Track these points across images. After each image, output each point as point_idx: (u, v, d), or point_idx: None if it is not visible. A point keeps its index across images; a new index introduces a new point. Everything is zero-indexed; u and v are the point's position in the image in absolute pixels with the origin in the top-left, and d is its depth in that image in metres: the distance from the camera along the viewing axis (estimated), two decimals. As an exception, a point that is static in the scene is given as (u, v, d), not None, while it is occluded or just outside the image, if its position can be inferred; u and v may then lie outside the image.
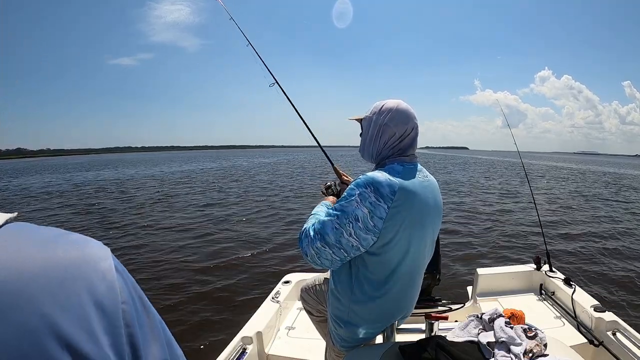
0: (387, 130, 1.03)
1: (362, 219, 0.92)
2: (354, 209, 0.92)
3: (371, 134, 1.07)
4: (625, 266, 4.16)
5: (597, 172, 17.93)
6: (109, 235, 6.86)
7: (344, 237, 0.93)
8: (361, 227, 0.92)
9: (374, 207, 0.91)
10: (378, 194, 0.92)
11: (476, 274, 2.37)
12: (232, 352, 1.69)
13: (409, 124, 1.04)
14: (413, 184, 0.97)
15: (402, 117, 1.03)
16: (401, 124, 1.03)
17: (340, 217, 0.93)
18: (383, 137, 1.04)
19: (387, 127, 1.03)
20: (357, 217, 0.92)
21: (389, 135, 1.03)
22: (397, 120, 1.03)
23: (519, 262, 3.15)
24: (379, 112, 1.05)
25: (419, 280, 1.12)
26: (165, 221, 8.36)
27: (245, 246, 6.50)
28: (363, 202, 0.92)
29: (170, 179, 19.12)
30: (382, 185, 0.92)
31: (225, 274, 5.07)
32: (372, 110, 1.08)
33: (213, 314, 3.82)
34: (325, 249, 0.95)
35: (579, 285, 2.06)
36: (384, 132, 1.04)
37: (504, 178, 16.30)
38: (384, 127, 1.04)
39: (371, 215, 0.91)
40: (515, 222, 6.69)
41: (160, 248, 6.99)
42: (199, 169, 28.77)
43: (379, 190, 0.92)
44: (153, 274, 5.36)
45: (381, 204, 0.91)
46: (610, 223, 6.23)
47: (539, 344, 0.94)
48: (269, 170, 24.14)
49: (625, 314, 2.92)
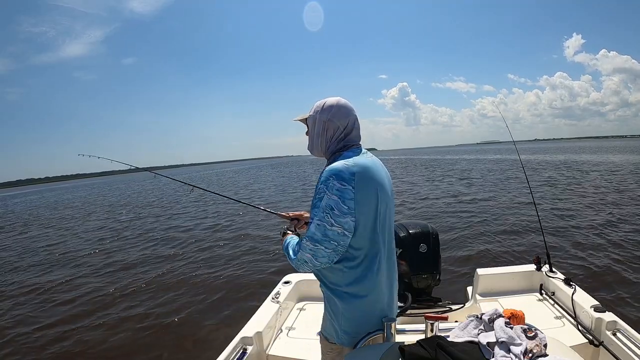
0: (331, 126, 1.14)
1: (335, 207, 1.02)
2: (326, 201, 1.02)
3: (317, 131, 1.17)
4: (625, 266, 4.16)
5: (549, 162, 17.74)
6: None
7: (327, 229, 1.02)
8: (337, 214, 1.02)
9: (341, 192, 1.02)
10: (341, 180, 1.02)
11: (476, 274, 2.37)
12: (232, 352, 1.69)
13: (350, 117, 1.16)
14: (365, 162, 1.09)
15: (343, 112, 1.15)
16: (343, 117, 1.14)
17: (318, 213, 1.04)
18: (329, 132, 1.15)
19: (331, 122, 1.14)
20: (331, 207, 1.02)
21: (333, 130, 1.14)
22: (339, 115, 1.14)
23: (519, 262, 3.15)
24: (322, 110, 1.16)
25: (393, 243, 1.22)
26: (162, 232, 8.38)
27: (245, 246, 6.51)
28: (331, 192, 1.02)
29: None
30: (342, 171, 1.03)
31: (226, 274, 5.08)
32: (315, 109, 1.18)
33: (213, 314, 3.82)
34: (317, 247, 1.04)
35: (579, 285, 2.06)
36: (329, 128, 1.15)
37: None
38: (328, 123, 1.14)
39: (342, 200, 1.02)
40: (515, 222, 6.69)
41: (159, 254, 7.02)
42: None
43: (340, 176, 1.03)
44: (153, 274, 5.38)
45: (346, 187, 1.02)
46: (610, 222, 6.23)
47: (539, 344, 0.94)
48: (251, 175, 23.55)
49: (626, 314, 2.92)
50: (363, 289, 1.11)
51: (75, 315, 4.10)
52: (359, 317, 1.13)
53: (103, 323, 3.82)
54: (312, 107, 1.19)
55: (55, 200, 28.95)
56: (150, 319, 3.81)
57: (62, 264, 6.63)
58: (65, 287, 5.18)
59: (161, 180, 29.21)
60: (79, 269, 6.09)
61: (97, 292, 4.81)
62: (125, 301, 4.39)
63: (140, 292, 4.66)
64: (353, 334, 1.14)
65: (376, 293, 1.12)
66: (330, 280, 1.14)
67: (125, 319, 3.89)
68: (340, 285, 1.12)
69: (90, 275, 5.64)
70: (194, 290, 4.52)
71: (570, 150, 46.04)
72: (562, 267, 3.11)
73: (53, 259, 7.05)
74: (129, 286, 4.90)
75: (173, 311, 3.96)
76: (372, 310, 1.14)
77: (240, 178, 31.99)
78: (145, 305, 4.21)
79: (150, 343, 3.34)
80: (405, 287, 2.19)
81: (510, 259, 4.74)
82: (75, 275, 5.70)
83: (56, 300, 4.64)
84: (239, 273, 5.04)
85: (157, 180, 30.74)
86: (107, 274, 5.65)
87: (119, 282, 5.11)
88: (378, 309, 1.15)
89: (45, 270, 6.30)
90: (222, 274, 5.04)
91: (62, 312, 4.24)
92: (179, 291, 4.55)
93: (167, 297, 4.38)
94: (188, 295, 4.39)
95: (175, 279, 5.03)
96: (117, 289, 4.82)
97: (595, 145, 66.27)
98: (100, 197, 26.43)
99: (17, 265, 6.87)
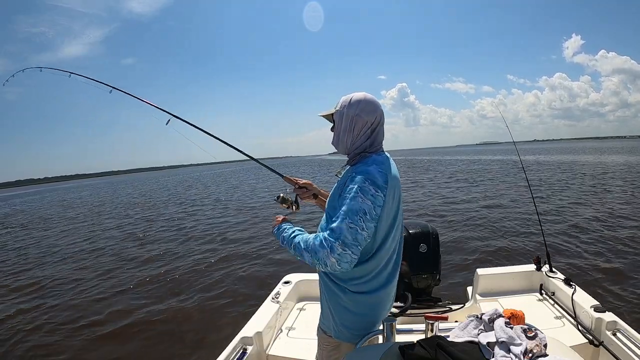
0: (359, 121, 1.12)
1: (368, 212, 1.00)
2: (360, 205, 1.00)
3: (344, 126, 1.14)
4: (625, 266, 4.16)
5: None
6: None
7: (359, 233, 0.99)
8: (368, 219, 1.01)
9: (374, 198, 1.01)
10: (375, 186, 1.02)
11: (476, 274, 2.37)
12: (232, 352, 1.69)
13: (377, 112, 1.14)
14: (394, 170, 1.12)
15: (371, 107, 1.13)
16: (371, 112, 1.13)
17: (351, 216, 1.00)
18: (356, 128, 1.13)
19: (359, 117, 1.12)
20: (364, 211, 1.00)
21: (361, 125, 1.13)
22: (367, 110, 1.12)
23: (519, 263, 3.15)
24: (349, 104, 1.13)
25: (401, 246, 1.23)
26: (166, 234, 8.37)
27: (245, 247, 6.51)
28: (366, 196, 1.00)
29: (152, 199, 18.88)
30: (377, 177, 1.03)
31: (225, 274, 5.07)
32: (342, 104, 1.16)
33: (213, 314, 3.82)
34: (345, 252, 0.98)
35: (579, 285, 2.06)
36: (357, 123, 1.13)
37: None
38: (356, 118, 1.12)
39: (374, 205, 1.01)
40: (515, 222, 6.69)
41: (161, 254, 7.01)
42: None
43: (375, 182, 1.02)
44: (153, 273, 5.37)
45: (379, 194, 1.02)
46: (611, 223, 6.23)
47: (539, 344, 0.93)
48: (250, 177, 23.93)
49: (626, 314, 2.92)
50: (368, 286, 1.12)
51: (72, 312, 4.10)
52: (361, 313, 1.13)
53: (102, 323, 3.82)
54: (339, 102, 1.17)
55: (61, 199, 28.92)
56: (149, 319, 3.81)
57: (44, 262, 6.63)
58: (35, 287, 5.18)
59: (168, 179, 28.55)
60: (53, 270, 6.10)
61: (96, 292, 4.81)
62: (125, 300, 4.40)
63: (140, 292, 4.66)
64: (352, 330, 1.14)
65: (380, 290, 1.13)
66: (337, 276, 1.14)
67: (124, 319, 3.89)
68: (346, 281, 1.12)
69: (85, 274, 5.64)
70: (193, 290, 4.52)
71: (569, 151, 46.06)
72: (562, 267, 3.11)
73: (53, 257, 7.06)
74: (129, 286, 4.90)
75: (173, 311, 3.95)
76: (374, 307, 1.14)
77: (244, 177, 32.00)
78: (144, 305, 4.20)
79: (150, 343, 3.34)
80: (405, 287, 2.19)
81: (510, 259, 4.74)
82: (48, 278, 5.70)
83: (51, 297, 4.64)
84: (238, 273, 5.04)
85: (153, 182, 30.20)
86: (107, 274, 5.65)
87: (116, 279, 5.13)
88: (380, 306, 1.16)
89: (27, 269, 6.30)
90: (222, 274, 5.04)
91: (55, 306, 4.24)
92: (178, 291, 4.55)
93: (167, 297, 4.38)
94: (188, 295, 4.38)
95: (175, 279, 5.02)
96: (114, 286, 4.83)
97: (594, 146, 66.31)
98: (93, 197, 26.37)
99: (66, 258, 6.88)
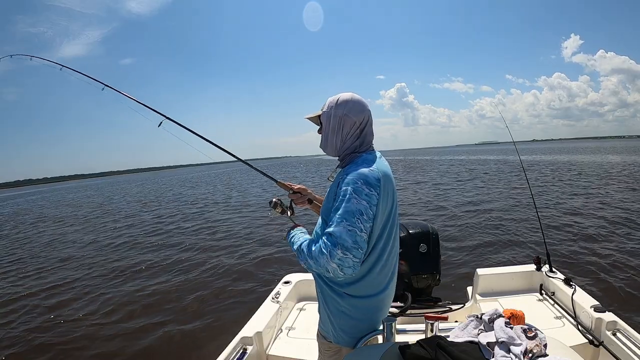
0: (347, 121, 1.11)
1: (364, 212, 0.99)
2: (356, 206, 0.98)
3: (332, 127, 1.13)
4: (625, 266, 4.16)
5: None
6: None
7: (358, 235, 0.97)
8: (365, 219, 0.99)
9: (369, 197, 1.00)
10: (369, 185, 1.00)
11: (476, 274, 2.37)
12: (232, 352, 1.69)
13: (365, 112, 1.12)
14: (385, 167, 1.10)
15: (358, 107, 1.12)
16: (359, 112, 1.11)
17: (348, 218, 0.97)
18: (345, 128, 1.12)
19: (348, 117, 1.11)
20: (361, 212, 0.98)
21: (350, 125, 1.11)
22: (355, 110, 1.11)
23: (519, 263, 3.15)
24: (337, 105, 1.12)
25: (397, 244, 1.21)
26: (175, 238, 8.38)
27: (245, 247, 6.51)
28: (360, 197, 0.99)
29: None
30: (369, 177, 1.01)
31: (225, 274, 5.07)
32: (329, 105, 1.14)
33: (213, 314, 3.82)
34: (346, 256, 0.96)
35: (579, 285, 2.06)
36: (345, 123, 1.11)
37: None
38: (344, 118, 1.11)
39: (369, 205, 1.00)
40: (515, 223, 6.69)
41: (162, 255, 7.01)
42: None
43: (368, 181, 1.01)
44: (152, 272, 5.37)
45: (373, 193, 1.01)
46: (610, 223, 6.23)
47: (538, 344, 0.93)
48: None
49: (626, 314, 2.92)
50: (365, 289, 1.10)
51: (67, 308, 4.10)
52: (360, 317, 1.12)
53: (102, 324, 3.82)
54: (325, 104, 1.15)
55: (66, 198, 28.89)
56: (149, 319, 3.80)
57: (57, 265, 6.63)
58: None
59: (161, 180, 28.46)
60: (47, 274, 6.09)
61: (93, 291, 4.81)
62: (124, 301, 4.40)
63: (140, 291, 4.66)
64: (352, 334, 1.13)
65: (377, 293, 1.12)
66: (332, 280, 1.11)
67: (124, 319, 3.89)
68: (342, 285, 1.10)
69: (79, 274, 5.64)
70: (193, 290, 4.52)
71: (568, 151, 46.08)
72: (562, 267, 3.11)
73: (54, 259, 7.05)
74: (129, 285, 4.90)
75: (172, 311, 3.95)
76: (373, 311, 1.13)
77: (245, 177, 32.00)
78: (144, 305, 4.20)
79: (150, 343, 3.34)
80: (405, 287, 2.19)
81: (510, 259, 4.74)
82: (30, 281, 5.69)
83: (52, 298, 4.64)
84: (238, 273, 5.04)
85: (153, 182, 30.01)
86: (104, 276, 5.65)
87: (117, 279, 5.12)
88: (378, 309, 1.14)
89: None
90: (222, 274, 5.03)
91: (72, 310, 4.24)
92: (178, 291, 4.55)
93: (167, 297, 4.38)
94: (188, 295, 4.38)
95: (175, 279, 5.02)
96: (113, 286, 4.82)
97: (594, 146, 66.35)
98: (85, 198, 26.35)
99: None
